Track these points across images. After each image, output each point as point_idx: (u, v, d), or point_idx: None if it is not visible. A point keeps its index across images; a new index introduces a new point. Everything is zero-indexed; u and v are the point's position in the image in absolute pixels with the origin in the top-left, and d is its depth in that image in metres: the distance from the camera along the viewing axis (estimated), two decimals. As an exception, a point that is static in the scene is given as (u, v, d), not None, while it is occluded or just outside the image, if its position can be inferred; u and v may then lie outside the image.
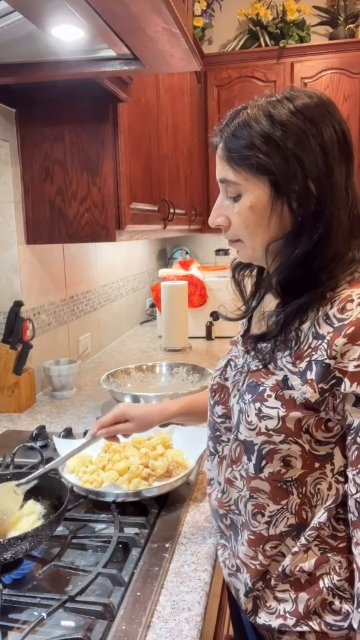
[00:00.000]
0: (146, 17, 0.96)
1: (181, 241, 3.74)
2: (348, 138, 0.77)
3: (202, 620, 0.79)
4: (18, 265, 1.69)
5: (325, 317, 0.74)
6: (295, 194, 0.74)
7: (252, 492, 0.81)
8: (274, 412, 0.76)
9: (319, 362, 0.73)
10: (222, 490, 0.89)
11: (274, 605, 0.82)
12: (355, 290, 0.73)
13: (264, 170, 0.74)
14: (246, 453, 0.80)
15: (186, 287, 2.48)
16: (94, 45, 1.14)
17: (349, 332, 0.70)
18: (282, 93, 0.77)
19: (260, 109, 0.75)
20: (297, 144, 0.73)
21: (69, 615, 0.78)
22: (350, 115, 3.00)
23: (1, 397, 1.64)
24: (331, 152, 0.74)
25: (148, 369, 1.78)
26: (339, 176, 0.75)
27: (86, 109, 1.58)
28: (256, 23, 3.15)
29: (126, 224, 1.65)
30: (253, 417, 0.78)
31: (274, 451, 0.77)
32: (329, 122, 0.75)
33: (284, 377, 0.77)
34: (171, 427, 1.29)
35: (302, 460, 0.77)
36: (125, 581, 0.84)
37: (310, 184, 0.74)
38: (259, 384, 0.79)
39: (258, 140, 0.74)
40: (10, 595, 0.81)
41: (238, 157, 0.76)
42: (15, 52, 1.20)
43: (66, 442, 1.23)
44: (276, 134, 0.73)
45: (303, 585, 0.80)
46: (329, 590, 0.79)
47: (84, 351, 2.21)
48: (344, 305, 0.72)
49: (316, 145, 0.73)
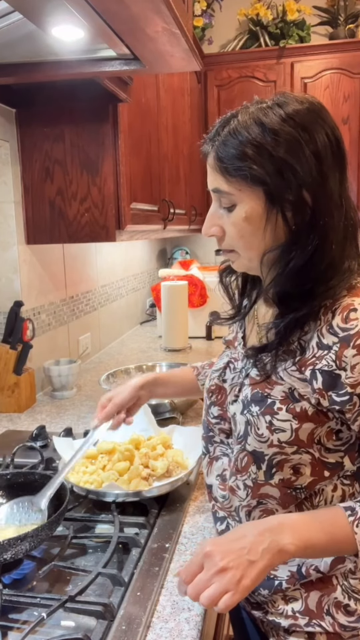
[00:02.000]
0: (146, 17, 0.96)
1: (181, 241, 3.74)
2: (341, 144, 0.76)
3: (202, 620, 0.79)
4: (18, 265, 1.69)
5: (329, 327, 0.73)
6: (290, 203, 0.73)
7: (261, 498, 0.81)
8: (287, 425, 0.76)
9: (325, 372, 0.72)
10: (222, 496, 0.89)
11: (282, 606, 0.81)
12: (357, 299, 0.73)
13: (257, 181, 0.73)
14: (255, 462, 0.80)
15: (186, 287, 2.48)
16: (94, 45, 1.14)
17: (358, 344, 0.70)
18: (272, 99, 0.76)
19: (250, 116, 0.74)
20: (290, 153, 0.71)
21: (69, 615, 0.78)
22: (350, 115, 3.00)
23: (1, 397, 1.64)
24: (325, 160, 0.73)
25: (148, 369, 1.78)
26: (333, 184, 0.74)
27: (86, 109, 1.58)
28: (256, 23, 3.15)
29: (126, 224, 1.65)
30: (264, 430, 0.77)
31: (285, 460, 0.77)
32: (321, 129, 0.74)
33: (289, 389, 0.76)
34: (171, 427, 1.29)
35: (312, 467, 0.77)
36: (125, 581, 0.84)
37: (304, 194, 0.73)
38: (266, 396, 0.78)
39: (250, 150, 0.72)
40: (10, 595, 0.81)
41: (231, 168, 0.74)
42: (15, 52, 1.20)
43: (66, 442, 1.23)
44: (268, 143, 0.72)
45: (315, 584, 0.80)
46: (344, 590, 0.79)
47: (84, 351, 2.21)
48: (347, 315, 0.72)
49: (310, 153, 0.72)
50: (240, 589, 0.66)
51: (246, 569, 0.67)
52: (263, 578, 0.69)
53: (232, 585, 0.66)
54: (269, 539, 0.69)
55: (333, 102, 3.01)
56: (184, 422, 1.51)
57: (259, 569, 0.67)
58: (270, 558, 0.68)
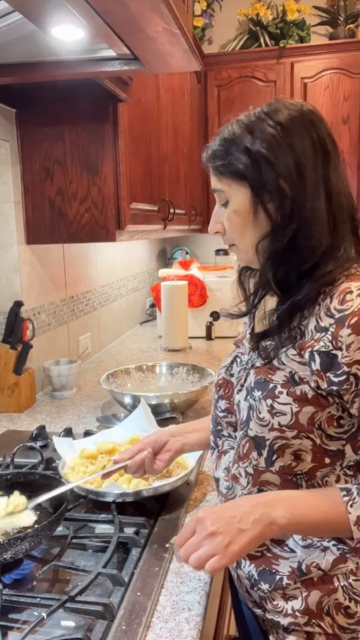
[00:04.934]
0: (146, 17, 0.96)
1: (181, 241, 3.74)
2: (325, 141, 0.81)
3: (202, 620, 0.79)
4: (18, 265, 1.69)
5: (327, 310, 0.76)
6: (270, 194, 0.79)
7: (262, 485, 0.83)
8: (287, 408, 0.78)
9: (323, 353, 0.75)
10: (226, 487, 0.90)
11: (281, 604, 0.81)
12: (354, 283, 0.76)
13: (240, 176, 0.81)
14: (256, 448, 0.82)
15: (186, 287, 2.48)
16: (94, 45, 1.14)
17: (352, 323, 0.72)
18: (262, 107, 0.83)
19: (240, 124, 0.82)
20: (268, 149, 0.78)
21: (69, 615, 0.78)
22: (350, 115, 3.00)
23: (1, 397, 1.64)
24: (303, 154, 0.79)
25: (148, 369, 1.78)
26: (311, 175, 0.79)
27: (86, 109, 1.58)
28: (256, 23, 3.15)
29: (126, 224, 1.65)
30: (265, 414, 0.79)
31: (286, 446, 0.79)
32: (304, 130, 0.79)
33: (290, 373, 0.78)
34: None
35: (313, 454, 0.79)
36: (125, 581, 0.84)
37: (282, 184, 0.78)
38: (268, 381, 0.80)
39: (232, 148, 0.81)
40: (10, 595, 0.81)
41: (220, 167, 0.83)
42: (15, 52, 1.20)
43: (66, 442, 1.23)
44: (247, 139, 0.80)
45: (315, 582, 0.80)
46: (345, 591, 0.79)
47: (84, 351, 2.21)
48: (343, 297, 0.75)
49: (287, 149, 0.78)
50: (228, 553, 0.69)
51: (235, 535, 0.70)
52: (252, 547, 0.72)
53: (220, 549, 0.69)
54: (261, 511, 0.72)
55: (333, 102, 3.01)
56: (184, 422, 1.51)
57: (248, 538, 0.70)
58: (261, 529, 0.71)
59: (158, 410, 1.46)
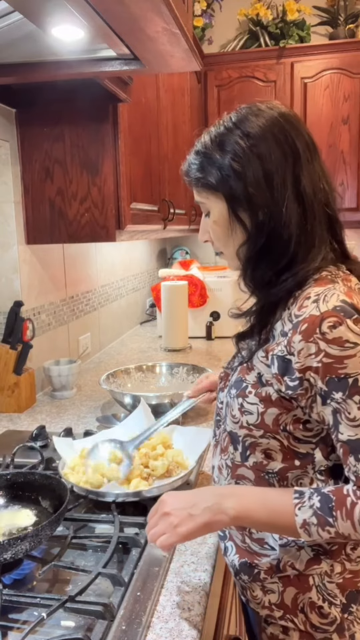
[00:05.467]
0: (146, 17, 0.96)
1: (181, 241, 3.74)
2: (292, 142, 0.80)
3: (202, 620, 0.79)
4: (18, 265, 1.69)
5: (289, 315, 0.77)
6: (241, 202, 0.81)
7: (238, 479, 0.86)
8: (254, 408, 0.80)
9: (279, 357, 0.76)
10: (217, 476, 0.93)
11: (259, 595, 0.85)
12: (316, 288, 0.76)
13: (213, 188, 0.83)
14: (232, 443, 0.85)
15: (186, 287, 2.48)
16: (94, 45, 1.14)
17: (302, 329, 0.73)
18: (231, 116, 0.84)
19: (210, 137, 0.85)
20: (234, 159, 0.80)
21: (69, 615, 0.78)
22: (350, 115, 3.00)
23: (1, 397, 1.64)
24: (269, 159, 0.79)
25: (148, 369, 1.78)
26: (279, 179, 0.79)
27: (86, 109, 1.58)
28: (256, 23, 3.15)
29: (126, 224, 1.65)
30: (236, 412, 0.83)
31: (256, 444, 0.81)
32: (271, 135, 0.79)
33: (258, 374, 0.81)
34: (171, 427, 1.29)
35: (282, 454, 0.81)
36: (125, 581, 0.84)
37: (250, 190, 0.80)
38: (243, 380, 0.83)
39: (203, 161, 0.84)
40: (10, 595, 0.81)
41: (195, 180, 0.86)
42: (15, 52, 1.20)
43: (66, 442, 1.23)
44: (216, 151, 0.82)
45: (292, 580, 0.82)
46: (319, 591, 0.81)
47: (84, 351, 2.21)
48: (302, 303, 0.76)
49: (252, 155, 0.79)
50: (174, 533, 0.76)
51: (184, 519, 0.77)
52: (200, 533, 0.77)
53: (169, 529, 0.77)
54: (214, 500, 0.77)
55: (333, 102, 3.01)
56: (184, 422, 1.51)
57: (196, 523, 0.76)
58: (210, 517, 0.76)
59: (158, 410, 1.46)
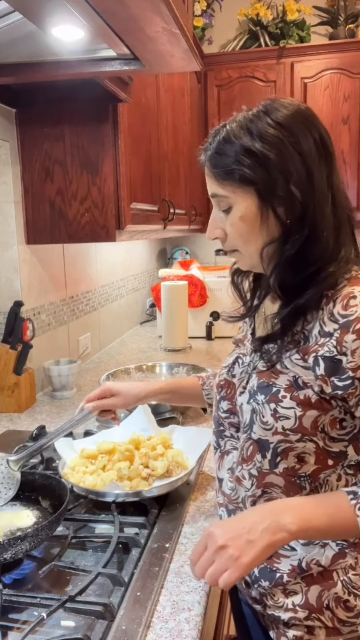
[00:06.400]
0: (146, 17, 0.95)
1: (181, 241, 3.74)
2: (326, 141, 0.80)
3: (202, 620, 0.79)
4: (18, 265, 1.69)
5: (330, 315, 0.76)
6: (280, 199, 0.77)
7: (266, 487, 0.83)
8: (291, 412, 0.78)
9: (327, 358, 0.75)
10: (231, 488, 0.90)
11: (281, 599, 0.83)
12: (356, 287, 0.76)
13: (247, 182, 0.78)
14: (260, 451, 0.82)
15: (186, 287, 2.48)
16: (94, 45, 1.14)
17: (357, 328, 0.72)
18: (258, 106, 0.80)
19: (238, 124, 0.79)
20: (276, 153, 0.76)
21: (69, 615, 0.78)
22: (350, 115, 2.99)
23: (1, 397, 1.64)
24: (309, 156, 0.77)
25: (148, 369, 1.78)
26: (319, 179, 0.78)
27: (86, 109, 1.58)
28: (256, 23, 3.15)
29: (126, 224, 1.65)
30: (269, 418, 0.80)
31: (290, 449, 0.79)
32: (306, 130, 0.78)
33: (293, 377, 0.78)
34: (171, 427, 1.29)
35: (316, 456, 0.79)
36: (125, 581, 0.84)
37: (293, 189, 0.76)
38: (271, 385, 0.80)
39: (239, 155, 0.78)
40: (10, 595, 0.81)
41: (223, 172, 0.80)
42: (15, 52, 1.20)
43: (66, 442, 1.23)
44: (256, 146, 0.77)
45: (315, 578, 0.81)
46: (344, 585, 0.81)
47: (84, 351, 2.21)
48: (347, 302, 0.75)
49: (294, 151, 0.76)
50: (238, 566, 0.68)
51: (244, 547, 0.69)
52: (264, 557, 0.70)
53: (230, 563, 0.69)
54: (270, 519, 0.71)
55: (333, 102, 3.01)
56: (184, 422, 1.51)
57: (258, 548, 0.69)
58: (271, 537, 0.70)
59: (158, 410, 1.46)
